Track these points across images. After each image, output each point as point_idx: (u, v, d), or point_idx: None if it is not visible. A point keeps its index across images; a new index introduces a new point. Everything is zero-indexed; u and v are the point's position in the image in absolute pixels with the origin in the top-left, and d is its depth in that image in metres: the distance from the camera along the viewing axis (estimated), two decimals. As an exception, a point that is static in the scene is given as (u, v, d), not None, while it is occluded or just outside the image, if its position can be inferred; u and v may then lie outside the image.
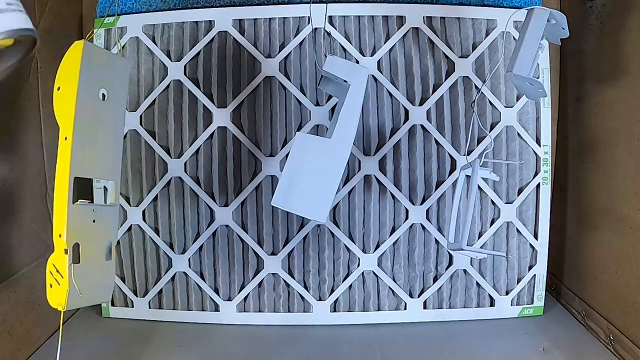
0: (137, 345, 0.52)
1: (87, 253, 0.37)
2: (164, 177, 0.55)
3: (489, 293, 0.56)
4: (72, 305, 0.37)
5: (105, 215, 0.39)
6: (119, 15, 0.55)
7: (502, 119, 0.55)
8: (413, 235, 0.56)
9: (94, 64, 0.37)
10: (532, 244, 0.56)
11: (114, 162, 0.41)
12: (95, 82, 0.38)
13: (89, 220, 0.38)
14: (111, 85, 0.39)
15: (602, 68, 0.53)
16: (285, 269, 0.56)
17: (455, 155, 0.55)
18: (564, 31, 0.43)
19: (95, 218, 0.38)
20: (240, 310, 0.57)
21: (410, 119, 0.54)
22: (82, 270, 0.36)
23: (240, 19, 0.55)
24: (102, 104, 0.38)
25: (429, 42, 0.54)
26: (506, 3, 0.56)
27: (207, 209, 0.56)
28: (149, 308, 0.57)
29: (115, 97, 0.39)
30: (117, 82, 0.40)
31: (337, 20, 0.54)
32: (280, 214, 0.55)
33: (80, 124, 0.36)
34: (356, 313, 0.56)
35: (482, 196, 0.55)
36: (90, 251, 0.38)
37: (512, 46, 0.52)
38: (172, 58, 0.55)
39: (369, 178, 0.55)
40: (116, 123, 0.40)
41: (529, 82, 0.41)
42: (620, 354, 0.48)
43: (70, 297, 0.36)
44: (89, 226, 0.38)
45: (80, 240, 0.37)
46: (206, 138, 0.55)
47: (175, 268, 0.56)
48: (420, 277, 0.56)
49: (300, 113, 0.55)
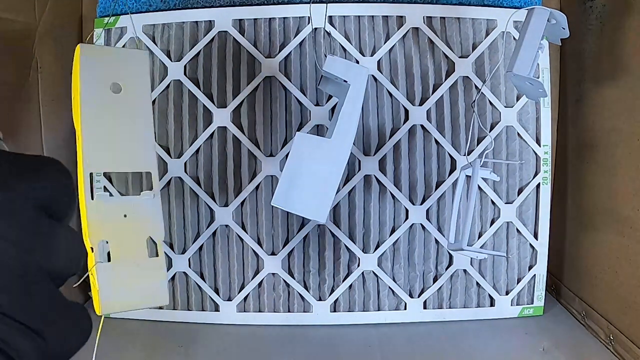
0: (137, 345, 0.52)
1: (119, 251, 0.35)
2: (164, 177, 0.55)
3: (489, 293, 0.56)
4: (108, 310, 0.34)
5: (141, 209, 0.37)
6: (123, 14, 0.55)
7: (502, 119, 0.55)
8: (413, 235, 0.56)
9: (96, 62, 0.37)
10: (532, 244, 0.56)
11: (144, 153, 0.38)
12: (101, 78, 0.37)
13: (118, 215, 0.35)
14: (126, 78, 0.38)
15: (602, 68, 0.53)
16: (285, 269, 0.56)
17: (455, 155, 0.55)
18: (564, 31, 0.43)
19: (126, 212, 0.36)
20: (240, 310, 0.57)
21: (410, 119, 0.54)
22: (113, 270, 0.34)
23: (240, 19, 0.55)
24: (116, 97, 0.37)
25: (429, 42, 0.54)
26: (506, 3, 0.56)
27: (207, 209, 0.56)
28: (149, 308, 0.57)
29: (133, 88, 0.38)
30: (134, 74, 0.38)
31: (337, 20, 0.54)
32: (280, 214, 0.55)
33: (90, 121, 0.35)
34: (356, 313, 0.56)
35: (482, 196, 0.55)
36: (123, 249, 0.35)
37: (512, 46, 0.52)
38: (172, 58, 0.55)
39: (369, 178, 0.55)
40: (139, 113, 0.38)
41: (529, 82, 0.41)
42: (620, 354, 0.48)
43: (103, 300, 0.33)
44: (118, 221, 0.35)
45: (109, 237, 0.34)
46: (206, 138, 0.55)
47: (175, 268, 0.56)
48: (420, 277, 0.56)
49: (300, 113, 0.55)
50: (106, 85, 0.37)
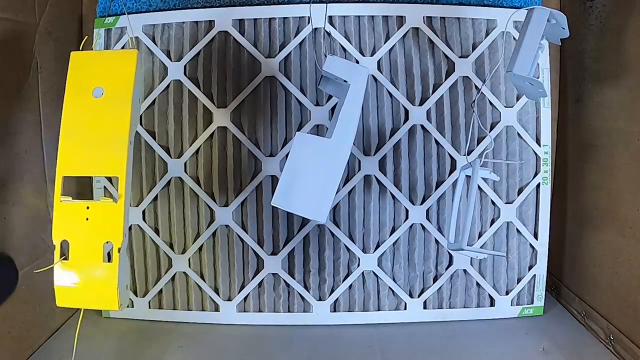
0: (137, 345, 0.52)
1: (77, 251, 0.37)
2: (164, 177, 0.55)
3: (489, 293, 0.56)
4: (62, 303, 0.37)
5: (101, 214, 0.38)
6: (125, 14, 0.55)
7: (502, 119, 0.55)
8: (413, 235, 0.56)
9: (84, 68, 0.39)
10: (532, 244, 0.56)
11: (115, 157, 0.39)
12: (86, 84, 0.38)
13: (80, 218, 0.37)
14: (110, 82, 0.39)
15: (602, 68, 0.53)
16: (286, 269, 0.56)
17: (455, 155, 0.55)
18: (564, 31, 0.43)
19: (88, 216, 0.37)
20: (240, 310, 0.57)
21: (410, 119, 0.54)
22: (69, 268, 0.36)
23: (241, 19, 0.55)
24: (97, 103, 0.38)
25: (429, 42, 0.54)
26: (506, 3, 0.56)
27: (207, 209, 0.56)
28: (149, 308, 0.57)
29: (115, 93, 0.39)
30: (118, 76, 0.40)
31: (337, 20, 0.54)
32: (280, 214, 0.55)
33: (69, 126, 0.38)
34: (356, 313, 0.56)
35: (482, 196, 0.55)
36: (80, 250, 0.37)
37: (512, 46, 0.52)
38: (172, 58, 0.55)
39: (369, 178, 0.55)
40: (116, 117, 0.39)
41: (529, 82, 0.41)
42: (620, 354, 0.48)
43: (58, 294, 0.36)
44: (79, 224, 0.37)
45: (70, 237, 0.37)
46: (206, 138, 0.55)
47: (175, 268, 0.56)
48: (420, 277, 0.56)
49: (300, 113, 0.55)
50: (89, 90, 0.38)
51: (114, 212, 0.38)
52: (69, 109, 0.38)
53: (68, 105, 0.38)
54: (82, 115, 0.38)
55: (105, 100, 0.39)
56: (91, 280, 0.38)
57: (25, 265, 0.48)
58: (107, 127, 0.39)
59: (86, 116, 0.38)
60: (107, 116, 0.39)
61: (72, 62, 0.39)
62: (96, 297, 0.38)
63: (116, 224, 0.38)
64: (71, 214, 0.37)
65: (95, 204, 0.38)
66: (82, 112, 0.38)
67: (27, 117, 0.50)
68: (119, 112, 0.39)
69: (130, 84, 0.40)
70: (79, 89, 0.38)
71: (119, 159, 0.39)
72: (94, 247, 0.37)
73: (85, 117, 0.38)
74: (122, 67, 0.40)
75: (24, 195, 0.49)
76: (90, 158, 0.38)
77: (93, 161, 0.38)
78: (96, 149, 0.38)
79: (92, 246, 0.37)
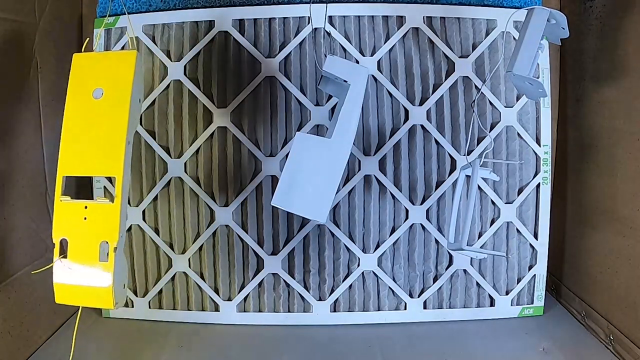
0: (137, 345, 0.52)
1: (75, 250, 0.38)
2: (164, 177, 0.55)
3: (489, 293, 0.56)
4: (60, 300, 0.37)
5: (99, 214, 0.39)
6: (124, 14, 0.55)
7: (502, 119, 0.55)
8: (413, 235, 0.56)
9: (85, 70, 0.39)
10: (532, 244, 0.56)
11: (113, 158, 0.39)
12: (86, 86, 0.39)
13: (78, 217, 0.38)
14: (109, 83, 0.39)
15: (602, 68, 0.53)
16: (286, 269, 0.56)
17: (455, 155, 0.55)
18: (564, 31, 0.43)
19: (86, 215, 0.38)
20: (240, 310, 0.57)
21: (410, 119, 0.54)
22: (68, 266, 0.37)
23: (241, 19, 0.55)
24: (96, 104, 0.39)
25: (429, 42, 0.54)
26: (506, 3, 0.56)
27: (207, 209, 0.56)
28: (149, 308, 0.57)
29: (114, 94, 0.40)
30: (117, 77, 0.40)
31: (337, 20, 0.54)
32: (280, 214, 0.55)
33: (70, 126, 0.38)
34: (356, 313, 0.56)
35: (482, 196, 0.55)
36: (78, 248, 0.38)
37: (512, 46, 0.52)
38: (172, 58, 0.55)
39: (369, 178, 0.55)
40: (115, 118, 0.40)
41: (529, 82, 0.41)
42: (620, 354, 0.48)
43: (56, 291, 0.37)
44: (78, 223, 0.38)
45: (69, 236, 0.37)
46: (206, 138, 0.55)
47: (175, 268, 0.56)
48: (420, 277, 0.56)
49: (300, 113, 0.55)
50: (89, 92, 0.39)
51: (110, 212, 0.39)
52: (71, 110, 0.39)
53: (69, 106, 0.39)
54: (83, 116, 0.39)
55: (104, 101, 0.39)
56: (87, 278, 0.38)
57: (25, 265, 0.49)
58: (106, 128, 0.39)
59: (86, 117, 0.39)
60: (106, 117, 0.39)
61: (74, 64, 0.40)
62: (92, 296, 0.39)
63: (112, 224, 0.39)
64: (70, 213, 0.38)
65: (93, 203, 0.39)
66: (83, 113, 0.39)
67: (27, 117, 0.50)
68: (117, 113, 0.40)
69: (129, 85, 0.40)
70: (80, 90, 0.39)
71: (115, 159, 0.39)
72: (91, 246, 0.38)
73: (86, 118, 0.39)
74: (121, 68, 0.40)
75: (24, 195, 0.49)
76: (89, 158, 0.39)
77: (92, 161, 0.39)
78: (95, 149, 0.39)
79: (89, 245, 0.38)
